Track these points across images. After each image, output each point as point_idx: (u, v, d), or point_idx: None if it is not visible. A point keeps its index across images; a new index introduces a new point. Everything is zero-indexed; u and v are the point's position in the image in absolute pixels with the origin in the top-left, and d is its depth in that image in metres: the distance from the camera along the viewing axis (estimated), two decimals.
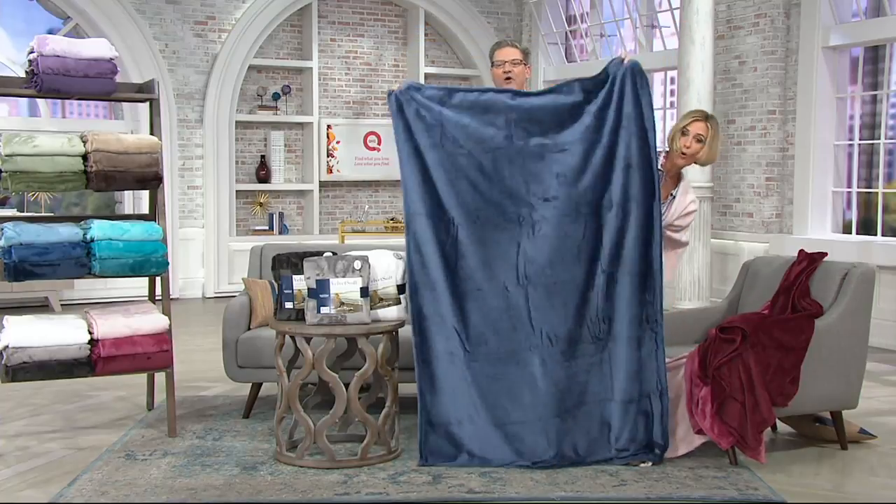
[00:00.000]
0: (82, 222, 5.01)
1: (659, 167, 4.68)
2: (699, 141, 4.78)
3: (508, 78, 5.05)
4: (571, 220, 4.62)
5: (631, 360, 4.60)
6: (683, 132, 4.81)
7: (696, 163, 4.88)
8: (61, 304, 9.46)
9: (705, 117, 4.85)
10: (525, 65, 5.11)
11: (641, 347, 4.60)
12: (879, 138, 8.43)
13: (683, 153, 4.82)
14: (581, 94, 4.68)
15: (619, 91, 4.63)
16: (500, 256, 4.64)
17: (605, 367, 4.61)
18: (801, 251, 5.17)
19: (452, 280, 4.61)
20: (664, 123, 10.14)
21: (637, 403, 4.59)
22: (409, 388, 5.68)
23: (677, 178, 4.96)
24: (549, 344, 4.57)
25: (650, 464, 4.55)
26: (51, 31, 10.23)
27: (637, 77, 4.62)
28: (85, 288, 9.75)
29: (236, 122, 10.91)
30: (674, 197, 4.90)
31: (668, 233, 4.88)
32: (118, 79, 5.23)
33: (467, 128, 4.65)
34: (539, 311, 4.59)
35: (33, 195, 9.83)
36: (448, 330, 4.59)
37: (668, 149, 4.90)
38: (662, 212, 4.72)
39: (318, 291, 4.56)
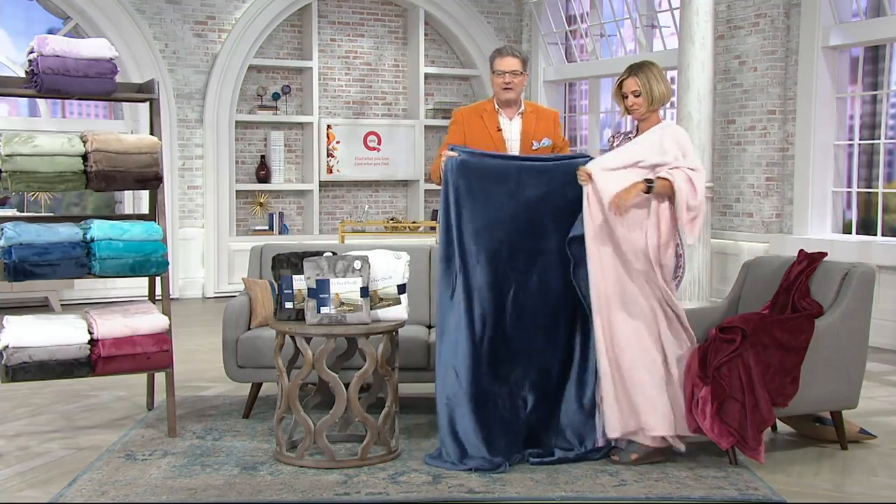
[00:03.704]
0: (82, 222, 5.01)
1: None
2: (637, 96, 4.76)
3: (508, 88, 5.05)
4: (565, 271, 4.73)
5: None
6: (623, 96, 4.81)
7: (653, 109, 4.76)
8: (61, 304, 9.45)
9: (630, 72, 4.79)
10: (523, 74, 5.12)
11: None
12: (879, 138, 8.42)
13: (633, 111, 4.80)
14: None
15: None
16: (494, 300, 4.71)
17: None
18: (801, 251, 5.16)
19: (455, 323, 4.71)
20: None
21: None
22: (409, 388, 5.69)
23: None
24: (538, 385, 4.72)
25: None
26: (51, 31, 10.23)
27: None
28: (85, 288, 9.75)
29: (236, 122, 10.90)
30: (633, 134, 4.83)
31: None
32: (118, 79, 5.23)
33: (483, 172, 4.75)
34: (530, 355, 4.72)
35: (33, 195, 9.83)
36: (447, 369, 4.67)
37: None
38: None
39: (318, 291, 4.56)
